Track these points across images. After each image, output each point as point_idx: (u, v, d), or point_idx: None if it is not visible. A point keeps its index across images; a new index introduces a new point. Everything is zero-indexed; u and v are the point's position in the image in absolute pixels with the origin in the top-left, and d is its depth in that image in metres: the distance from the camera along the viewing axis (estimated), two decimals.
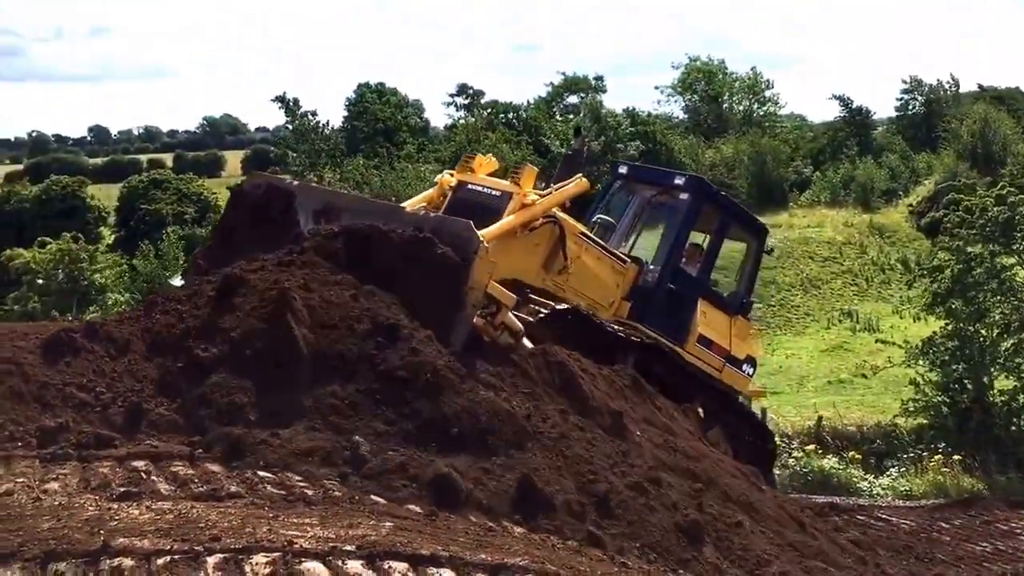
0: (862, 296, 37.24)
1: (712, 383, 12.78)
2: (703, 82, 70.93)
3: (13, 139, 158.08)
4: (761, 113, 71.63)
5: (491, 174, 11.65)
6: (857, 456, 19.74)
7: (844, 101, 69.02)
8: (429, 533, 5.65)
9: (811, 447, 19.74)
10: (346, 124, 65.07)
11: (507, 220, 10.54)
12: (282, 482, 6.10)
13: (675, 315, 12.58)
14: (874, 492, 18.26)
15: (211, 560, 4.58)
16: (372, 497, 6.15)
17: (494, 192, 11.12)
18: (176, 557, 4.58)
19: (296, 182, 9.87)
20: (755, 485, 9.05)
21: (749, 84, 71.50)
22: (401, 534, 5.42)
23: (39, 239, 29.94)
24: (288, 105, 52.27)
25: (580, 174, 11.86)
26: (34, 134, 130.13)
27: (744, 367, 13.44)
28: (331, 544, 4.97)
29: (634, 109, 60.38)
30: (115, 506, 5.29)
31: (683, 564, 6.94)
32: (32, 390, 6.55)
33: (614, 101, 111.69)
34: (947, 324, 20.60)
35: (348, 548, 4.96)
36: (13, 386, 6.54)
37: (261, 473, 6.21)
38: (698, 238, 13.63)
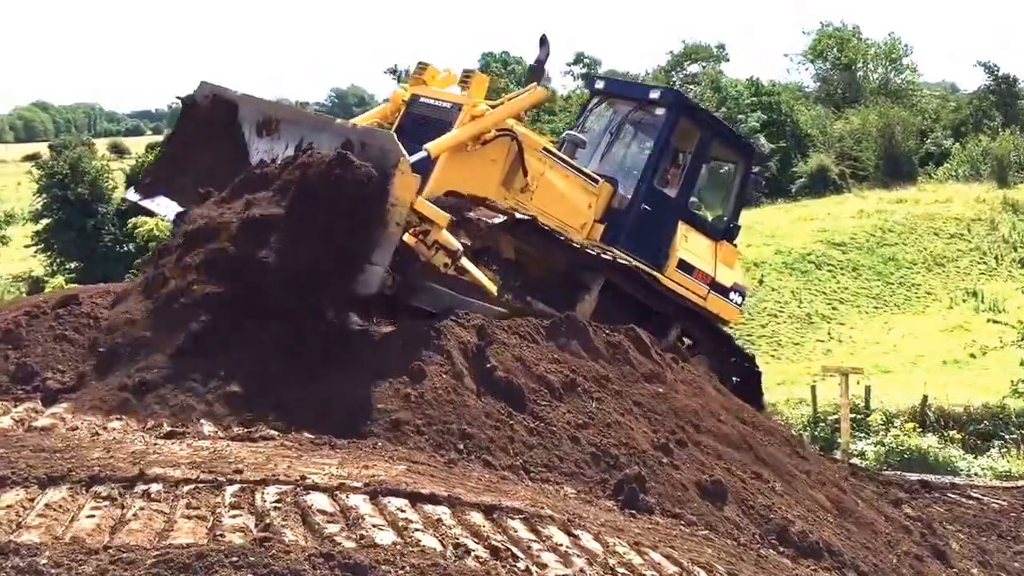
0: (990, 275, 36.15)
1: (692, 309, 12.21)
2: (835, 48, 68.70)
3: (154, 110, 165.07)
4: (898, 81, 69.10)
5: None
6: (957, 436, 19.56)
7: (990, 68, 65.38)
8: (441, 478, 6.20)
9: (910, 425, 19.63)
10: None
11: (455, 133, 10.03)
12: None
13: (652, 238, 11.90)
14: (972, 472, 18.12)
15: (229, 490, 5.23)
16: (399, 448, 6.71)
17: (445, 104, 10.58)
18: (200, 486, 5.24)
19: (240, 93, 9.48)
20: (792, 448, 9.30)
21: (886, 51, 68.98)
22: (411, 476, 5.99)
23: None
24: (400, 77, 53.26)
25: (535, 83, 10.99)
26: (174, 105, 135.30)
27: (731, 295, 12.77)
28: (340, 481, 5.57)
29: (757, 79, 59.31)
30: (160, 443, 6.02)
31: (700, 519, 7.31)
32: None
33: (737, 70, 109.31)
34: None
35: (355, 484, 5.55)
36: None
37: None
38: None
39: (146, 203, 10.05)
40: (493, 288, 9.04)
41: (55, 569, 3.87)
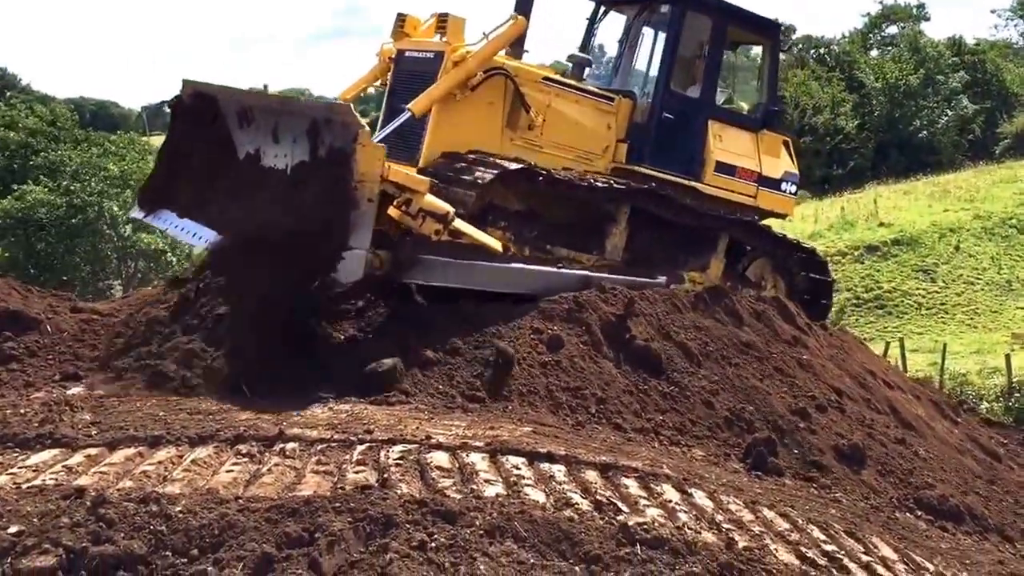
0: None
1: (738, 217, 11.19)
2: None
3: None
4: None
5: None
6: None
7: None
8: (565, 439, 6.49)
9: None
10: None
11: (436, 85, 9.25)
12: (451, 394, 7.11)
13: (681, 147, 11.05)
14: None
15: (359, 448, 5.66)
16: (529, 411, 7.03)
17: (428, 55, 9.77)
18: (332, 445, 5.70)
19: (218, 85, 9.20)
20: (941, 412, 9.10)
21: None
22: (534, 437, 6.29)
23: None
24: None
25: (515, 14, 10.03)
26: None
27: (783, 186, 11.82)
28: (463, 440, 5.93)
29: (960, 37, 56.39)
30: (305, 408, 6.53)
31: (836, 482, 7.33)
32: None
33: (938, 30, 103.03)
34: None
35: (477, 444, 5.90)
36: None
37: (440, 386, 7.25)
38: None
39: (150, 220, 9.72)
40: (498, 246, 8.73)
41: (184, 515, 4.36)
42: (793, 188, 12.01)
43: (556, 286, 8.69)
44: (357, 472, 5.25)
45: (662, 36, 11.36)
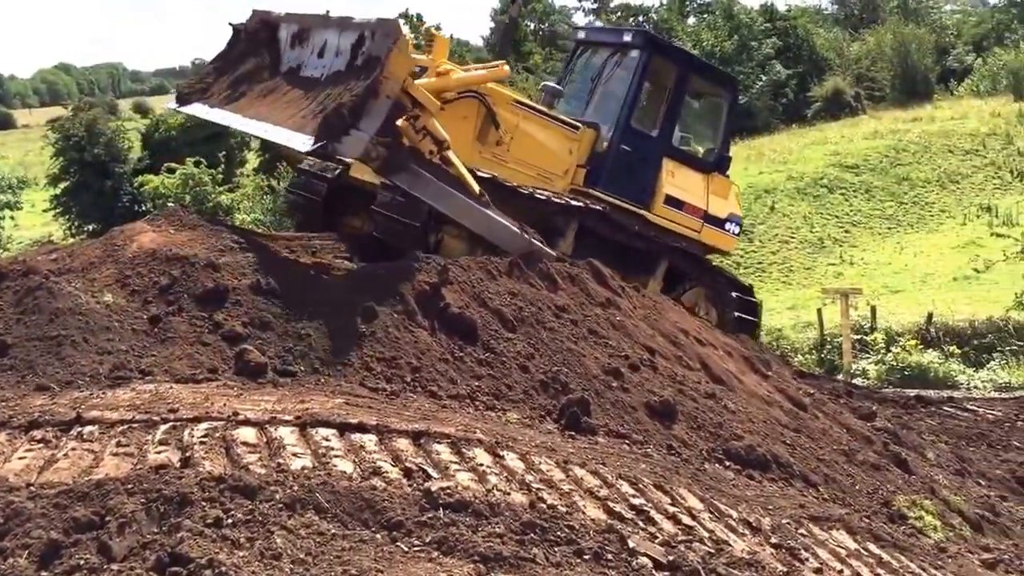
0: (1005, 190, 35.69)
1: (680, 244, 12.55)
2: None
3: (178, 68, 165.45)
4: None
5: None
6: (957, 351, 19.66)
7: None
8: (377, 409, 6.45)
9: (912, 342, 19.73)
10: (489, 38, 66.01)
11: (412, 85, 9.95)
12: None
13: (635, 177, 12.32)
14: (972, 385, 18.28)
15: (162, 428, 5.50)
16: (342, 383, 6.96)
17: (416, 68, 10.63)
18: (134, 426, 5.52)
19: (283, 13, 10.32)
20: (752, 366, 9.49)
21: None
22: (346, 408, 6.24)
23: (166, 165, 31.99)
24: (412, 20, 52.92)
25: (503, 61, 11.70)
26: (197, 61, 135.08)
27: (727, 225, 13.17)
28: (272, 415, 5.84)
29: (771, 4, 58.52)
30: (107, 391, 6.29)
31: (648, 438, 7.54)
32: None
33: None
34: None
35: (286, 418, 5.82)
36: None
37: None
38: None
39: (184, 110, 10.71)
40: (476, 187, 9.35)
41: None
42: (736, 229, 13.43)
43: (508, 242, 9.38)
44: (159, 452, 5.12)
45: (629, 77, 12.60)
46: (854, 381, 17.69)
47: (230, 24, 10.87)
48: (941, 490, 8.87)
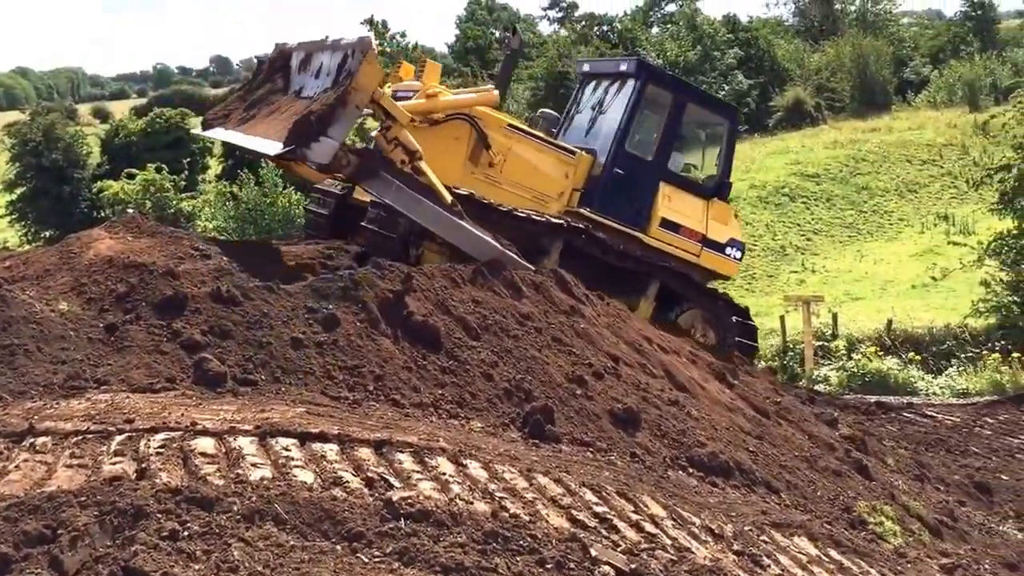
0: (961, 199, 36.11)
1: (667, 263, 12.73)
2: None
3: (139, 72, 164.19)
4: (876, 12, 68.88)
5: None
6: (916, 357, 19.83)
7: None
8: (339, 418, 6.38)
9: (872, 349, 19.88)
10: (454, 45, 66.14)
11: (399, 106, 10.07)
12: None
13: (629, 200, 12.64)
14: (931, 392, 18.42)
15: (117, 438, 5.40)
16: (303, 392, 6.88)
17: (409, 93, 11.49)
18: (89, 437, 5.42)
19: (297, 43, 10.91)
20: (716, 374, 9.50)
21: None
22: (307, 417, 6.16)
23: (126, 171, 31.71)
24: (377, 27, 52.78)
25: (491, 85, 12.28)
26: (159, 66, 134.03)
27: (728, 250, 13.39)
28: (231, 425, 5.75)
29: (734, 15, 59.12)
30: (61, 401, 6.17)
31: (612, 445, 7.51)
32: None
33: (716, 7, 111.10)
34: (1018, 223, 20.27)
35: (245, 428, 5.73)
36: None
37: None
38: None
39: (207, 134, 11.33)
40: (447, 196, 9.49)
41: None
42: (738, 253, 13.67)
43: (482, 252, 9.40)
44: (114, 464, 5.02)
45: (624, 103, 12.93)
46: (816, 388, 17.77)
47: (255, 57, 11.87)
48: (901, 496, 8.91)
